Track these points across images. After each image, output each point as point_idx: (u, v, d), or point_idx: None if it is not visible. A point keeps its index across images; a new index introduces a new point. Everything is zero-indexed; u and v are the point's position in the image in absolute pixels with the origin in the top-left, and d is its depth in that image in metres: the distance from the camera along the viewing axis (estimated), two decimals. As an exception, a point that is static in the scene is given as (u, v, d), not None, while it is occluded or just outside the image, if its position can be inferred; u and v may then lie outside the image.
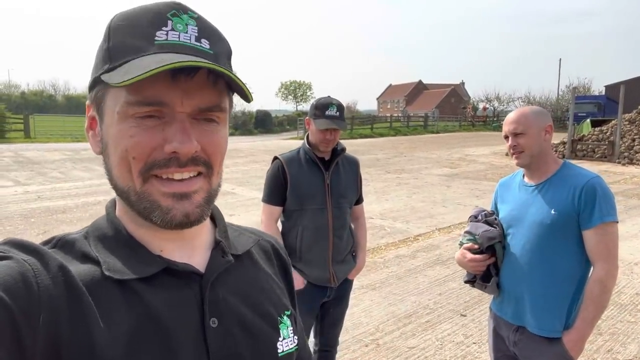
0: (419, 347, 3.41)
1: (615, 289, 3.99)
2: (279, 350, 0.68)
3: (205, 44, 0.58)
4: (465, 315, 3.94)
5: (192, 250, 0.66)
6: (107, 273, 0.57)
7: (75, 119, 29.35)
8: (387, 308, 4.10)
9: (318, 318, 2.42)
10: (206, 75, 0.56)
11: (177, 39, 0.56)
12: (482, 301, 4.16)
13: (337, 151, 2.33)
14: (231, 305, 0.65)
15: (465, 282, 2.02)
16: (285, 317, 0.72)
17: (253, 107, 35.91)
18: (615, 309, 4.04)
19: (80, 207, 7.99)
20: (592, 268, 1.75)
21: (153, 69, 0.51)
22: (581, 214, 1.72)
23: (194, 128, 0.58)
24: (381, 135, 29.97)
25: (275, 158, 2.32)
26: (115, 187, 0.61)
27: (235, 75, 0.55)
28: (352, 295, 2.58)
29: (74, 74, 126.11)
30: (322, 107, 2.21)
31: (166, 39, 0.56)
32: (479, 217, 1.96)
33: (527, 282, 1.82)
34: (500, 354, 1.98)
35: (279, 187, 2.26)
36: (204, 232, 0.69)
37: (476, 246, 1.88)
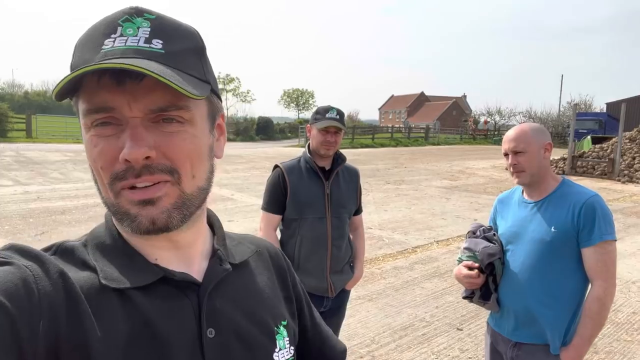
0: (414, 360, 3.39)
1: (612, 307, 3.97)
2: None
3: (157, 44, 0.56)
4: (461, 330, 3.93)
5: (189, 259, 0.66)
6: (104, 282, 0.57)
7: (77, 120, 29.25)
8: (383, 320, 4.08)
9: (314, 328, 2.41)
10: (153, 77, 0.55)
11: (124, 44, 0.55)
12: (478, 315, 4.14)
13: (338, 161, 2.35)
14: (228, 316, 0.64)
15: (464, 297, 2.02)
16: (281, 328, 0.72)
17: (255, 114, 35.96)
18: (612, 328, 4.02)
19: (79, 208, 7.98)
20: (590, 286, 1.76)
21: (65, 78, 0.51)
22: (580, 232, 1.73)
23: (150, 132, 0.56)
24: (382, 145, 30.03)
25: (276, 166, 2.33)
26: (101, 198, 0.61)
27: (160, 74, 0.52)
28: (348, 305, 2.57)
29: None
30: (323, 111, 2.27)
31: (112, 46, 0.55)
32: (478, 233, 1.96)
33: (526, 299, 1.82)
34: None
35: (279, 196, 2.26)
36: (200, 241, 0.68)
37: (477, 264, 1.88)
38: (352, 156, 20.51)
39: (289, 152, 21.90)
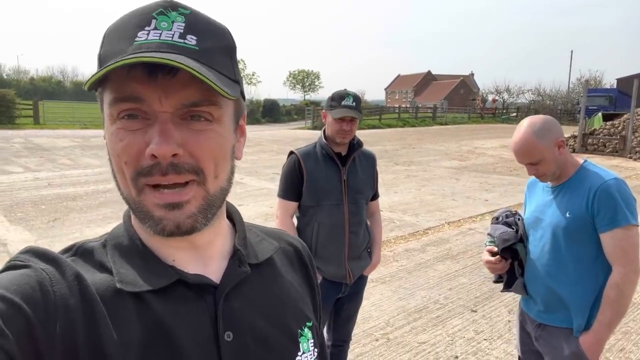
0: (430, 342, 3.40)
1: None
2: None
3: (191, 40, 0.56)
4: (475, 311, 3.93)
5: (207, 259, 0.65)
6: (119, 285, 0.57)
7: (84, 105, 29.42)
8: (397, 302, 4.09)
9: (332, 314, 2.42)
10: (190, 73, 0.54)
11: (158, 38, 0.54)
12: (492, 297, 4.14)
13: (354, 146, 2.31)
14: (247, 318, 0.63)
15: (494, 282, 2.05)
16: (306, 330, 0.69)
17: (261, 96, 35.88)
18: (629, 308, 4.00)
19: (90, 194, 8.03)
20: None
21: (101, 70, 0.51)
22: (596, 217, 1.69)
23: (178, 128, 0.55)
24: (389, 126, 29.83)
25: (292, 152, 2.30)
26: (120, 193, 0.60)
27: (198, 71, 0.51)
28: (364, 288, 2.56)
29: (82, 60, 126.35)
30: (339, 98, 2.21)
31: (146, 39, 0.54)
32: (500, 219, 1.96)
33: (546, 283, 1.82)
34: (526, 348, 2.03)
35: (295, 183, 2.23)
36: (219, 241, 0.67)
37: (495, 249, 1.89)
38: (360, 137, 20.36)
39: (295, 134, 21.84)
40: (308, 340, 0.69)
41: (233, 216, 0.72)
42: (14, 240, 5.55)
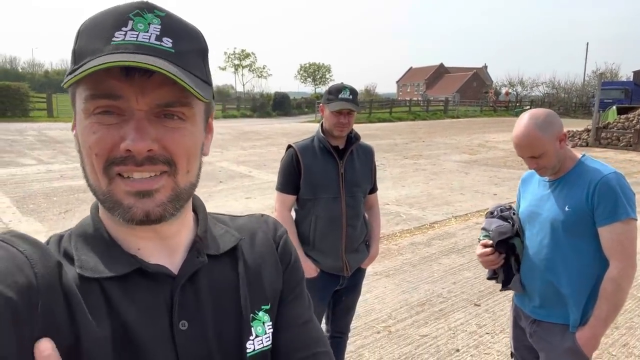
0: (431, 335, 3.42)
1: (634, 283, 3.90)
2: (249, 350, 0.67)
3: (167, 42, 0.58)
4: (479, 305, 3.93)
5: (172, 249, 0.66)
6: (78, 271, 0.59)
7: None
8: (400, 295, 4.10)
9: (330, 305, 2.44)
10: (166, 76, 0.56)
11: (135, 39, 0.56)
12: (496, 291, 4.13)
13: (352, 140, 2.32)
14: (202, 308, 0.65)
15: (488, 279, 2.03)
16: (261, 313, 0.71)
17: (271, 89, 35.88)
18: (633, 303, 3.97)
19: (100, 187, 8.12)
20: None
21: (85, 70, 0.52)
22: (595, 210, 1.68)
23: (153, 125, 0.57)
24: (400, 119, 29.67)
25: (290, 146, 2.31)
26: (88, 185, 0.61)
27: (174, 74, 0.54)
28: (365, 281, 2.58)
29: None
30: (335, 91, 2.23)
31: (123, 39, 0.56)
32: (495, 213, 1.95)
33: (544, 278, 1.81)
34: (519, 344, 2.02)
35: (293, 176, 2.25)
36: (183, 232, 0.68)
37: (490, 242, 1.87)
38: (370, 131, 20.37)
39: (306, 127, 21.83)
40: (264, 323, 0.70)
41: (197, 210, 0.73)
42: (26, 231, 5.59)
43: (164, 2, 0.66)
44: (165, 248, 0.66)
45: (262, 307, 0.71)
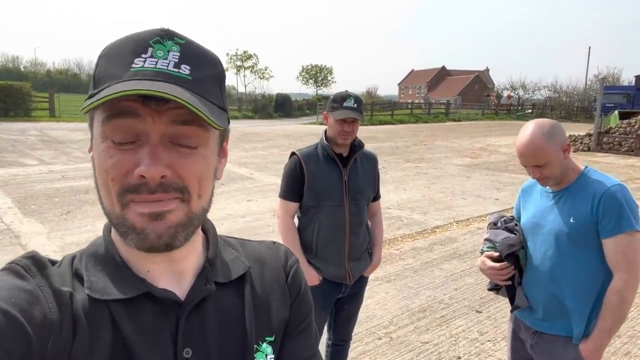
0: (433, 342, 3.41)
1: (638, 291, 3.89)
2: None
3: (185, 69, 0.58)
4: (480, 312, 3.92)
5: (181, 273, 0.66)
6: (87, 292, 0.60)
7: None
8: (401, 301, 4.09)
9: (332, 313, 2.44)
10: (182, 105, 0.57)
11: (154, 66, 0.57)
12: (497, 298, 4.12)
13: (355, 147, 2.32)
14: (207, 335, 0.65)
15: (489, 289, 2.01)
16: (264, 345, 0.70)
17: (273, 91, 35.92)
18: (635, 311, 3.96)
19: (102, 188, 8.13)
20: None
21: (103, 97, 0.52)
22: (599, 222, 1.68)
23: (167, 151, 0.57)
24: (401, 122, 29.67)
25: (293, 153, 2.31)
26: (102, 208, 0.61)
27: (190, 103, 0.54)
28: (366, 287, 2.57)
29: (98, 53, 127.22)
30: (340, 100, 2.23)
31: (142, 66, 0.56)
32: (499, 224, 1.93)
33: (547, 290, 1.80)
34: (518, 356, 2.00)
35: (296, 183, 2.25)
36: (192, 257, 0.68)
37: (496, 254, 1.86)
38: (371, 133, 20.36)
39: (307, 129, 21.84)
40: (267, 355, 0.70)
41: (208, 232, 0.73)
42: (27, 232, 5.67)
43: (169, 3, 0.65)
44: (174, 272, 0.66)
45: (266, 338, 0.71)
